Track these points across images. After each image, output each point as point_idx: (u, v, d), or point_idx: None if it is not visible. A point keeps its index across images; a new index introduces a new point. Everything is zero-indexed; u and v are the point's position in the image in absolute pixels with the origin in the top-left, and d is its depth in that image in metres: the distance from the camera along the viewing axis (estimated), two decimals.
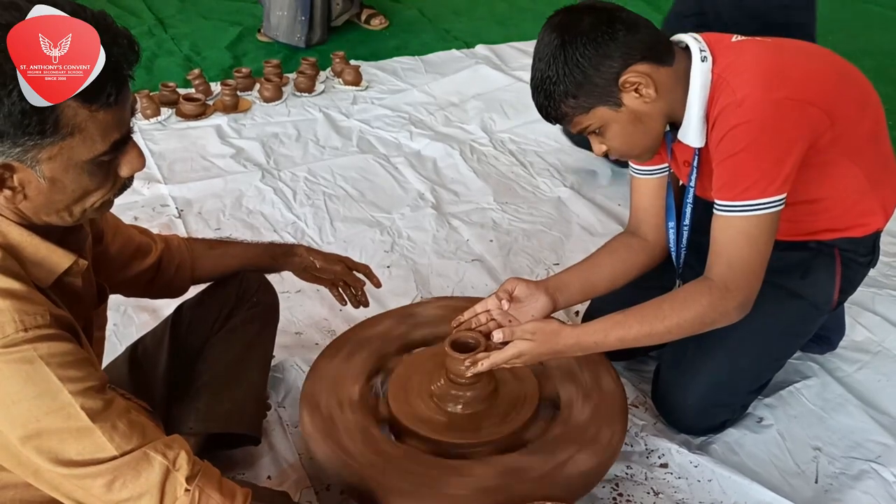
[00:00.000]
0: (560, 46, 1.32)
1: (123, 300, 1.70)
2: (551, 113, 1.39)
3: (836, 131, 1.37)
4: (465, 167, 2.74)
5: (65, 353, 0.96)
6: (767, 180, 1.32)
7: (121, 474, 0.98)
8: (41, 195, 0.97)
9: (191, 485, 1.02)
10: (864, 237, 1.54)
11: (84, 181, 0.98)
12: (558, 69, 1.32)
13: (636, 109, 1.36)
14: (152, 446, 1.01)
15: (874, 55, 3.77)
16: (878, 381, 1.79)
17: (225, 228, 2.36)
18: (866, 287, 2.05)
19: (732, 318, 1.38)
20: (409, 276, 2.17)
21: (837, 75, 1.42)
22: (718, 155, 1.36)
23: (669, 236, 1.58)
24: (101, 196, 1.02)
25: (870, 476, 1.55)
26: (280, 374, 1.77)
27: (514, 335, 1.39)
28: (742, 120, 1.30)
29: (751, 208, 1.33)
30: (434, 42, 3.87)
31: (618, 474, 1.54)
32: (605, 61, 1.32)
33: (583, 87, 1.33)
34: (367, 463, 1.38)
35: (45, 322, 0.95)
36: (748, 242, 1.35)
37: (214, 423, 1.43)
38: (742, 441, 1.63)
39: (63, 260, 1.04)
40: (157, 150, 2.76)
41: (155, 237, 1.46)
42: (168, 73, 3.42)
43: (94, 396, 0.98)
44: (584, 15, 1.33)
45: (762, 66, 1.34)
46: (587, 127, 1.39)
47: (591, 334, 1.39)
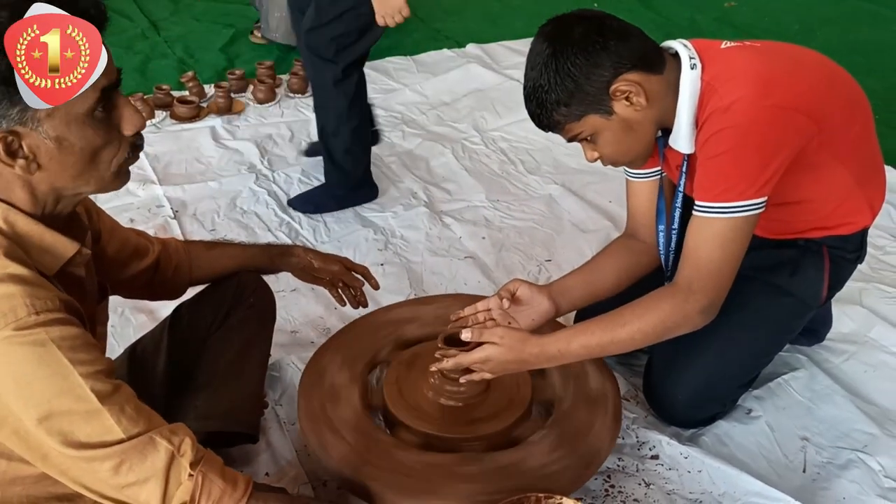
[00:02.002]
0: (551, 56, 1.33)
1: (121, 302, 1.72)
2: (543, 121, 1.40)
3: (824, 137, 1.38)
4: (457, 166, 2.77)
5: (74, 337, 0.99)
6: (746, 183, 1.32)
7: (128, 458, 1.00)
8: (53, 160, 0.99)
9: (194, 470, 1.04)
10: (851, 235, 1.57)
11: (89, 135, 0.99)
12: (550, 78, 1.34)
13: (627, 117, 1.37)
14: (158, 431, 1.03)
15: (863, 51, 3.81)
16: (864, 372, 1.82)
17: (220, 229, 2.38)
18: (854, 280, 2.08)
19: (696, 323, 1.37)
20: (403, 274, 2.19)
21: (826, 81, 1.42)
22: (702, 157, 1.37)
23: (659, 239, 1.59)
24: (112, 155, 1.03)
25: (856, 465, 1.58)
26: (277, 373, 1.79)
27: (482, 336, 1.39)
28: (727, 124, 1.32)
29: (727, 210, 1.33)
30: (425, 41, 3.89)
31: (609, 466, 1.56)
32: (596, 70, 1.33)
33: (574, 95, 1.34)
34: (363, 457, 1.40)
35: (56, 307, 0.98)
36: (720, 245, 1.35)
37: (213, 421, 1.44)
38: (731, 432, 1.66)
39: (68, 247, 1.06)
40: (151, 153, 2.78)
41: (152, 239, 1.48)
42: (162, 75, 3.43)
43: (103, 380, 1.00)
44: (575, 24, 1.35)
45: (751, 74, 1.34)
46: (579, 134, 1.41)
47: (554, 342, 1.38)
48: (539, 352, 1.38)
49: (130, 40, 3.80)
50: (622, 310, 1.39)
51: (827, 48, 1.50)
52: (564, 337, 1.39)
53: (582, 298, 1.61)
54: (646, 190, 1.62)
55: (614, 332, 1.37)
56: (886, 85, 3.45)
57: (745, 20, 4.29)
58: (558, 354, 1.39)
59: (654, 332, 1.36)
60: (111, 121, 1.02)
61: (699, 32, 4.04)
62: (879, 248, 2.29)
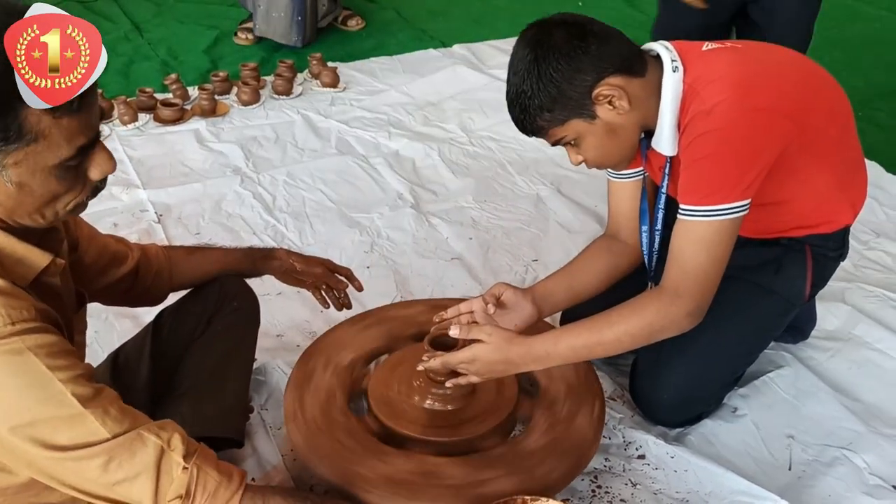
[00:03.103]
0: (533, 61, 1.34)
1: (104, 307, 1.71)
2: (527, 126, 1.41)
3: (805, 139, 1.39)
4: (443, 167, 2.76)
5: (52, 344, 0.98)
6: (729, 187, 1.33)
7: (116, 455, 1.00)
8: (10, 199, 0.98)
9: (188, 462, 1.04)
10: (833, 233, 1.58)
11: (52, 185, 0.98)
12: (532, 83, 1.34)
13: (610, 121, 1.38)
14: (146, 427, 1.03)
15: (844, 47, 3.83)
16: (849, 369, 1.83)
17: (205, 233, 2.37)
18: (837, 279, 2.09)
19: (683, 326, 1.37)
20: (390, 276, 2.19)
21: (806, 82, 1.43)
22: (685, 160, 1.38)
23: (643, 240, 1.59)
24: (72, 199, 1.02)
25: (842, 463, 1.59)
26: (262, 377, 1.78)
27: (470, 333, 1.39)
28: (710, 128, 1.32)
29: (711, 213, 1.34)
30: (411, 42, 3.88)
31: (596, 467, 1.56)
32: (578, 75, 1.33)
33: (557, 100, 1.35)
34: (349, 461, 1.40)
35: (31, 316, 0.97)
36: (705, 248, 1.35)
37: (197, 427, 1.41)
38: (717, 431, 1.66)
39: (41, 259, 1.05)
40: (135, 156, 2.76)
41: (131, 245, 1.47)
42: (145, 78, 3.41)
43: (84, 384, 0.99)
44: (556, 29, 1.35)
45: (733, 77, 1.35)
46: (563, 139, 1.41)
47: (541, 343, 1.39)
48: (525, 351, 1.38)
49: (113, 42, 3.77)
50: (609, 312, 1.39)
51: None
52: (551, 338, 1.39)
53: (564, 301, 1.61)
54: (628, 190, 1.62)
55: (601, 334, 1.37)
56: (868, 82, 3.48)
57: None
58: (544, 355, 1.39)
59: (641, 334, 1.37)
60: (81, 167, 1.00)
61: None
62: (863, 242, 2.31)
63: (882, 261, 2.24)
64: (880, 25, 4.21)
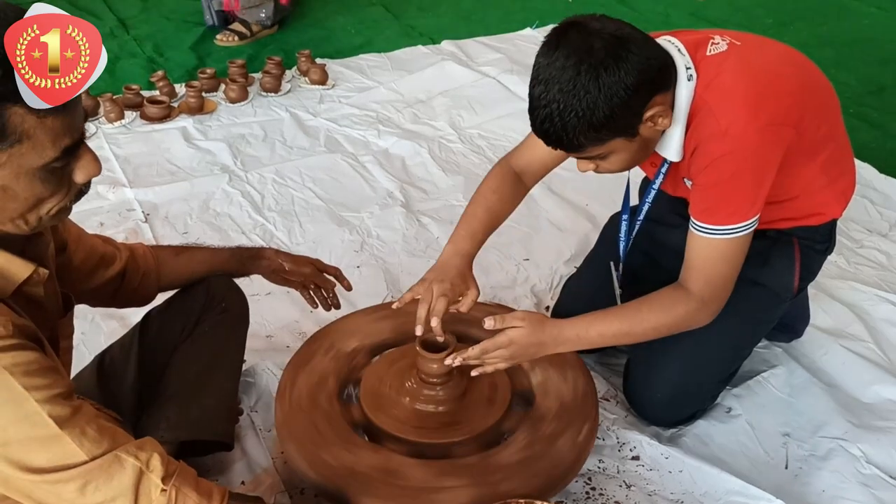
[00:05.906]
0: (578, 76, 1.22)
1: (91, 308, 1.68)
2: (564, 142, 1.29)
3: (800, 140, 1.39)
4: (433, 164, 2.74)
5: (29, 363, 0.95)
6: (748, 205, 1.36)
7: (93, 478, 0.98)
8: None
9: (167, 484, 1.02)
10: (820, 226, 1.58)
11: (37, 188, 0.96)
12: (580, 100, 1.23)
13: (648, 137, 1.35)
14: (124, 449, 1.01)
15: (834, 44, 3.84)
16: (842, 364, 1.83)
17: (192, 232, 2.34)
18: (830, 276, 2.09)
19: (704, 324, 1.45)
20: (380, 275, 2.17)
21: (803, 86, 1.42)
22: (702, 181, 1.38)
23: (622, 227, 1.63)
24: (56, 203, 0.99)
25: (837, 454, 1.59)
26: (252, 379, 1.76)
27: (504, 322, 1.39)
28: (727, 150, 1.32)
29: (731, 232, 1.38)
30: (399, 38, 3.85)
31: (590, 468, 1.55)
32: (634, 96, 1.25)
33: (607, 122, 1.25)
34: (340, 464, 1.38)
35: (8, 333, 0.94)
36: (725, 261, 1.41)
37: (185, 430, 1.41)
38: (711, 432, 1.65)
39: (22, 270, 1.02)
40: (121, 155, 2.73)
41: (119, 246, 1.44)
42: (131, 75, 3.37)
43: (61, 403, 0.97)
44: (596, 39, 1.23)
45: (741, 92, 1.32)
46: (596, 155, 1.35)
47: (572, 326, 1.43)
48: (557, 333, 1.42)
49: None
50: (639, 306, 1.43)
51: (799, 42, 1.50)
52: (583, 323, 1.43)
53: (480, 243, 1.63)
54: (557, 152, 1.50)
55: (632, 325, 1.43)
56: (858, 78, 3.48)
57: (719, 15, 4.31)
58: (575, 338, 1.43)
59: (668, 330, 1.44)
60: (65, 169, 0.97)
61: (673, 28, 4.04)
62: (856, 241, 2.31)
63: (875, 258, 2.24)
64: (870, 22, 4.22)
